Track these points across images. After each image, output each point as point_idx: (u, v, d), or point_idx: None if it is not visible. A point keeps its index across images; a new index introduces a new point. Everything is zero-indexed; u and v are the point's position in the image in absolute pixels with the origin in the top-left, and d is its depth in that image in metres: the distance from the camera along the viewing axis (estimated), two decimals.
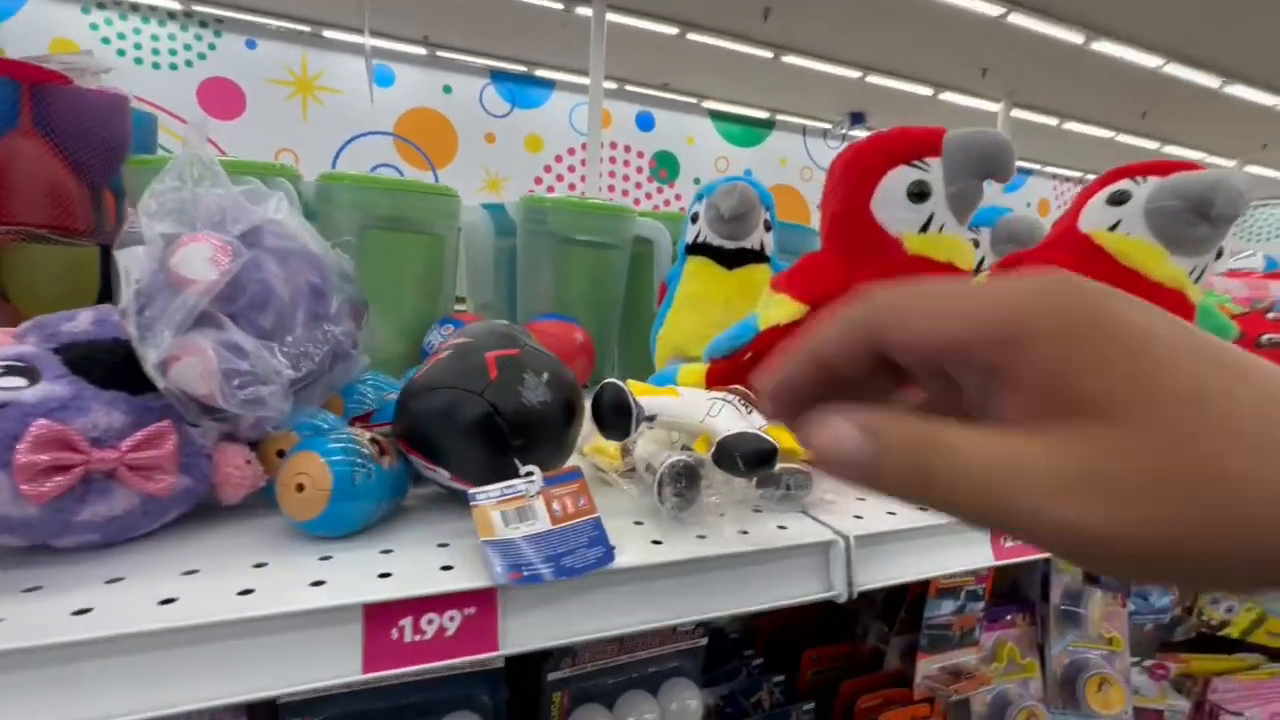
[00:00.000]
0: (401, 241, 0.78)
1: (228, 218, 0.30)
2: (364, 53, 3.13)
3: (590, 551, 0.29)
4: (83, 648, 0.22)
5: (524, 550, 0.28)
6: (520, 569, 0.27)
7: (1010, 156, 0.41)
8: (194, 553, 0.29)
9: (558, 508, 0.30)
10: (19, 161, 0.69)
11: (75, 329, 0.32)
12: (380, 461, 0.31)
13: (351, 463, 0.30)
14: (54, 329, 0.32)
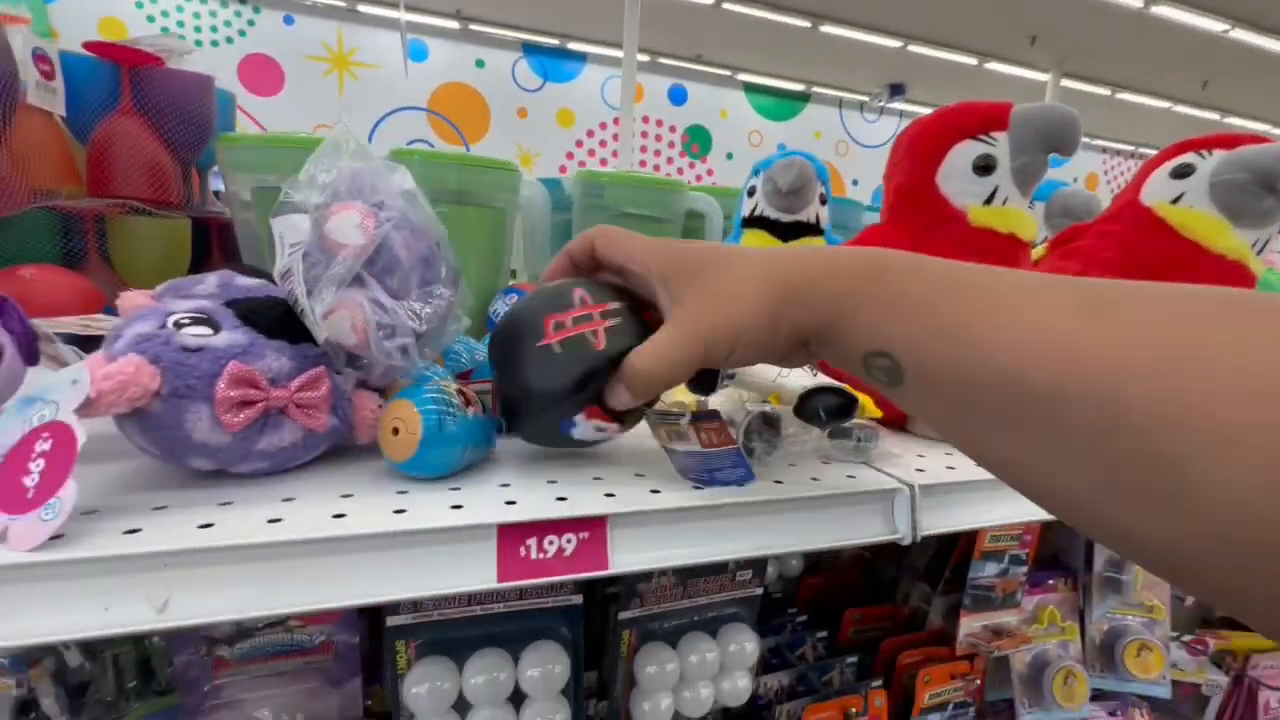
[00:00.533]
0: (467, 215, 0.82)
1: (365, 188, 0.34)
2: (398, 27, 3.16)
3: (735, 472, 0.35)
4: (281, 548, 0.27)
5: (686, 461, 0.36)
6: (688, 472, 0.36)
7: (1077, 131, 0.43)
8: (346, 481, 0.34)
9: (705, 437, 0.34)
10: (121, 139, 0.75)
11: (205, 290, 0.37)
12: (465, 411, 0.35)
13: (440, 410, 0.33)
14: (187, 290, 0.37)
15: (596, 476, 0.37)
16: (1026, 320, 0.21)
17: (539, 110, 5.93)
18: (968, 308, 0.23)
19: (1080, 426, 0.19)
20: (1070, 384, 0.19)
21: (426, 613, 0.47)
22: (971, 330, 0.23)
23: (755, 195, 0.73)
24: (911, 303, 0.25)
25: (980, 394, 0.22)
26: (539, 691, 0.47)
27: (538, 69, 5.93)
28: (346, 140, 0.34)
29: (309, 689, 0.47)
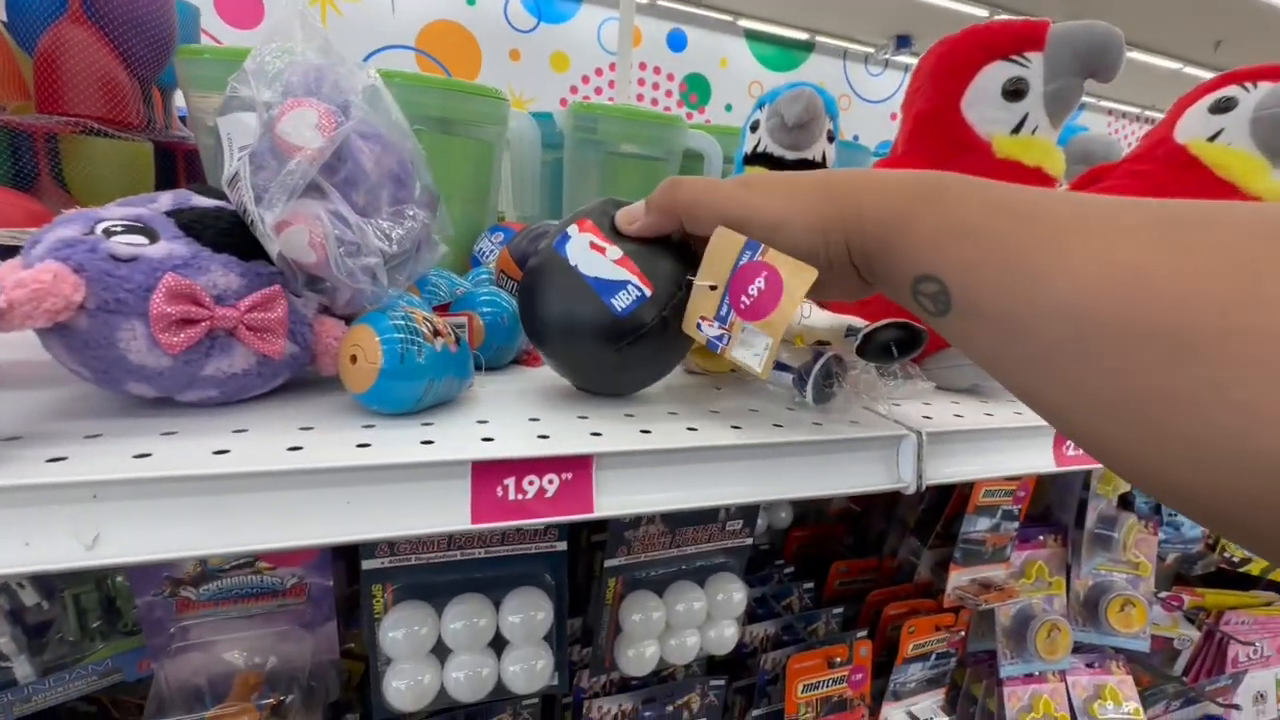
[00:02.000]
0: (451, 144, 0.76)
1: (325, 85, 0.30)
2: None
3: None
4: (226, 481, 0.24)
5: None
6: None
7: (1120, 52, 0.39)
8: (306, 413, 0.31)
9: None
10: (70, 50, 0.69)
11: (159, 208, 0.33)
12: (433, 342, 0.31)
13: (404, 339, 0.29)
14: (143, 206, 0.33)
15: (582, 415, 0.34)
16: (1093, 248, 0.19)
17: (532, 52, 5.67)
18: (1027, 232, 0.21)
19: (1144, 364, 0.17)
20: (1136, 315, 0.17)
21: (404, 556, 0.45)
22: (1030, 256, 0.21)
23: (759, 130, 0.69)
24: (966, 225, 0.23)
25: (1036, 325, 0.20)
26: (520, 637, 0.46)
27: (531, 8, 5.65)
28: (305, 24, 0.29)
29: (281, 632, 0.46)
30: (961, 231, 0.23)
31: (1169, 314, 0.16)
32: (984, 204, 0.23)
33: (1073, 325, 0.19)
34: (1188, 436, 0.16)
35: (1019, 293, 0.21)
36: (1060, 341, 0.19)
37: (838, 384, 0.38)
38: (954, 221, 0.24)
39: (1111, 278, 0.18)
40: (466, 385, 0.35)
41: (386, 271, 0.34)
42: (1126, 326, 0.17)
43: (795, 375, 0.40)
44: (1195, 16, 4.72)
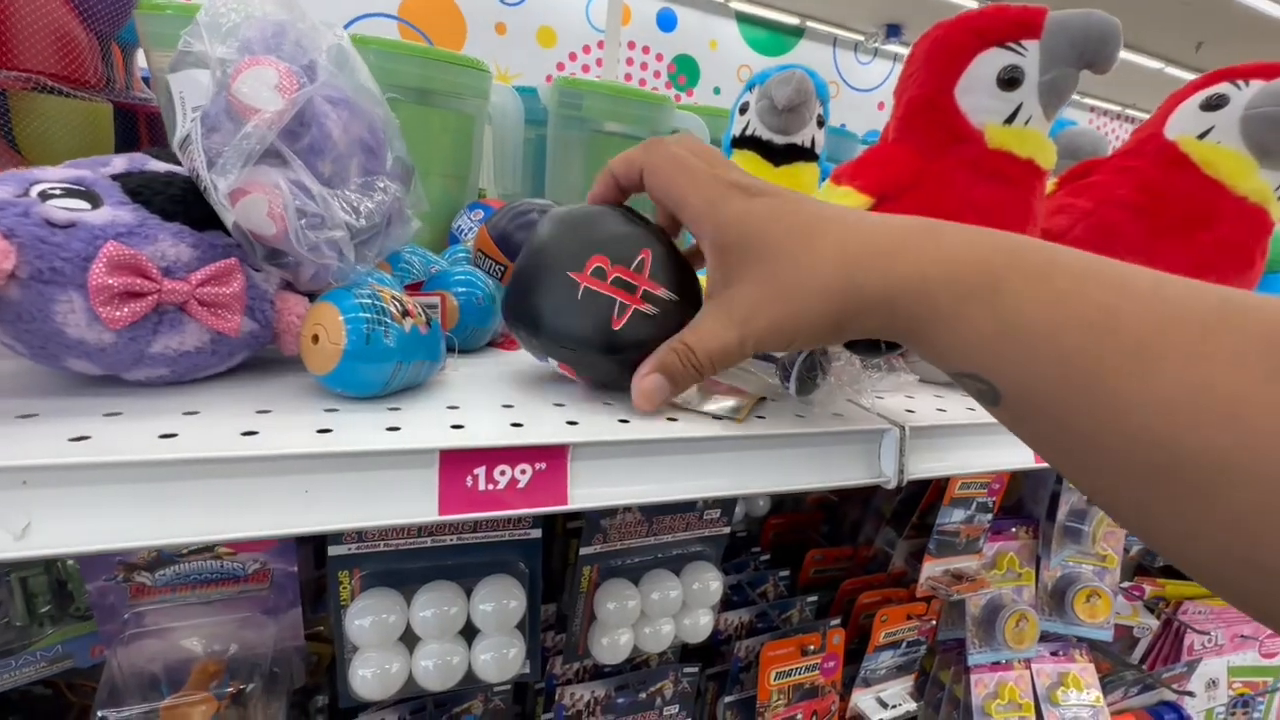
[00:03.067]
0: (430, 116, 0.74)
1: (289, 43, 0.28)
2: None
3: None
4: (171, 468, 0.23)
5: None
6: None
7: (1118, 42, 0.38)
8: (265, 394, 0.29)
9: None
10: (20, 1, 0.64)
11: (108, 171, 0.31)
12: (401, 323, 0.29)
13: (370, 318, 0.28)
14: (91, 168, 0.31)
15: (558, 403, 0.33)
16: (1183, 374, 0.17)
17: (519, 27, 5.54)
18: (1104, 349, 0.19)
19: (1236, 502, 0.16)
20: (1237, 457, 0.16)
21: (373, 543, 0.44)
22: (1107, 381, 0.18)
23: (748, 112, 0.67)
24: (1026, 331, 0.20)
25: (1109, 445, 0.19)
26: (491, 626, 0.45)
27: None
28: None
29: (242, 619, 0.44)
30: (1020, 338, 0.20)
31: (1270, 455, 0.15)
32: (1050, 305, 0.20)
33: (1156, 452, 0.17)
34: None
35: (1092, 414, 0.19)
36: (1140, 465, 0.18)
37: (821, 376, 0.38)
38: (1011, 325, 0.21)
39: (1206, 409, 0.16)
40: (438, 369, 0.33)
41: (354, 246, 0.32)
42: (1222, 466, 0.16)
43: (779, 365, 0.39)
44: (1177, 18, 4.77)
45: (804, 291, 0.25)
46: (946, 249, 0.23)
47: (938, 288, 0.23)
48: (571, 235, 0.31)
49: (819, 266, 0.25)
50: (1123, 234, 0.45)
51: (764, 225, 0.26)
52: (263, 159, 0.26)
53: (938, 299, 0.23)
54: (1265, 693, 0.99)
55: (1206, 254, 0.44)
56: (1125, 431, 0.18)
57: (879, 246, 0.25)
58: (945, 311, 0.23)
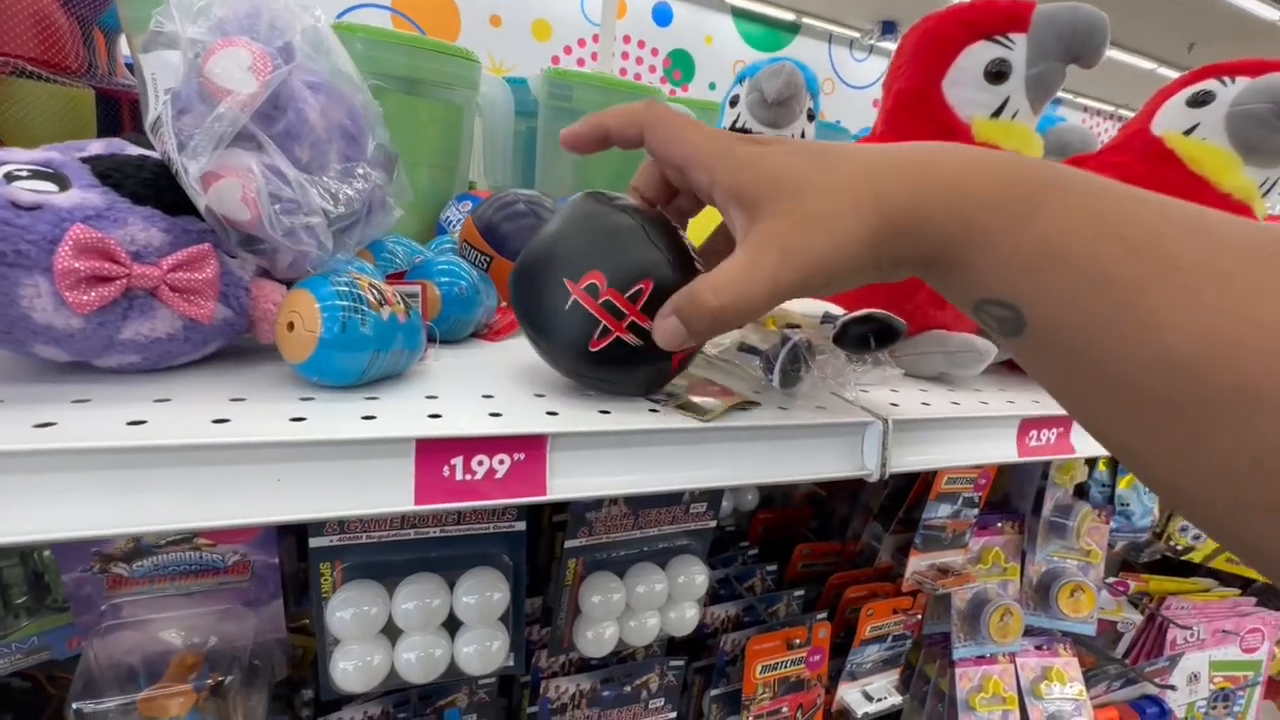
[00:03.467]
0: (418, 106, 0.73)
1: (264, 25, 0.27)
2: None
3: None
4: (139, 454, 0.22)
5: None
6: None
7: (1105, 36, 0.38)
8: (239, 382, 0.29)
9: None
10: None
11: (80, 154, 0.30)
12: (379, 311, 0.29)
13: (347, 306, 0.27)
14: (69, 152, 0.30)
15: (539, 393, 0.32)
16: (1225, 302, 0.16)
17: (513, 19, 5.50)
18: (1145, 270, 0.18)
19: (1274, 438, 0.15)
20: (1275, 394, 0.15)
21: (354, 535, 0.43)
22: (1147, 299, 0.17)
23: (738, 105, 0.67)
24: (1064, 251, 0.19)
25: (1135, 375, 0.18)
26: (474, 618, 0.45)
27: None
28: None
29: (222, 610, 0.44)
30: (1057, 257, 0.19)
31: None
32: (1092, 225, 0.19)
33: (1191, 384, 0.16)
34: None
35: (1126, 340, 0.18)
36: (1169, 395, 0.17)
37: (805, 369, 0.38)
38: (1050, 244, 0.20)
39: (1249, 341, 0.15)
40: (417, 358, 0.33)
41: (333, 234, 0.32)
42: (1259, 402, 0.15)
43: (762, 358, 0.39)
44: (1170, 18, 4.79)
45: (835, 214, 0.23)
46: (981, 165, 0.22)
47: (973, 205, 0.22)
48: (582, 240, 0.30)
49: (847, 187, 0.23)
50: None
51: (784, 159, 0.25)
52: (236, 142, 0.26)
53: (973, 215, 0.22)
54: (1245, 687, 1.00)
55: None
56: (1159, 359, 0.17)
57: (907, 163, 0.23)
58: (980, 227, 0.21)
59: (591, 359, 0.30)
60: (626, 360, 0.30)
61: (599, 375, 0.31)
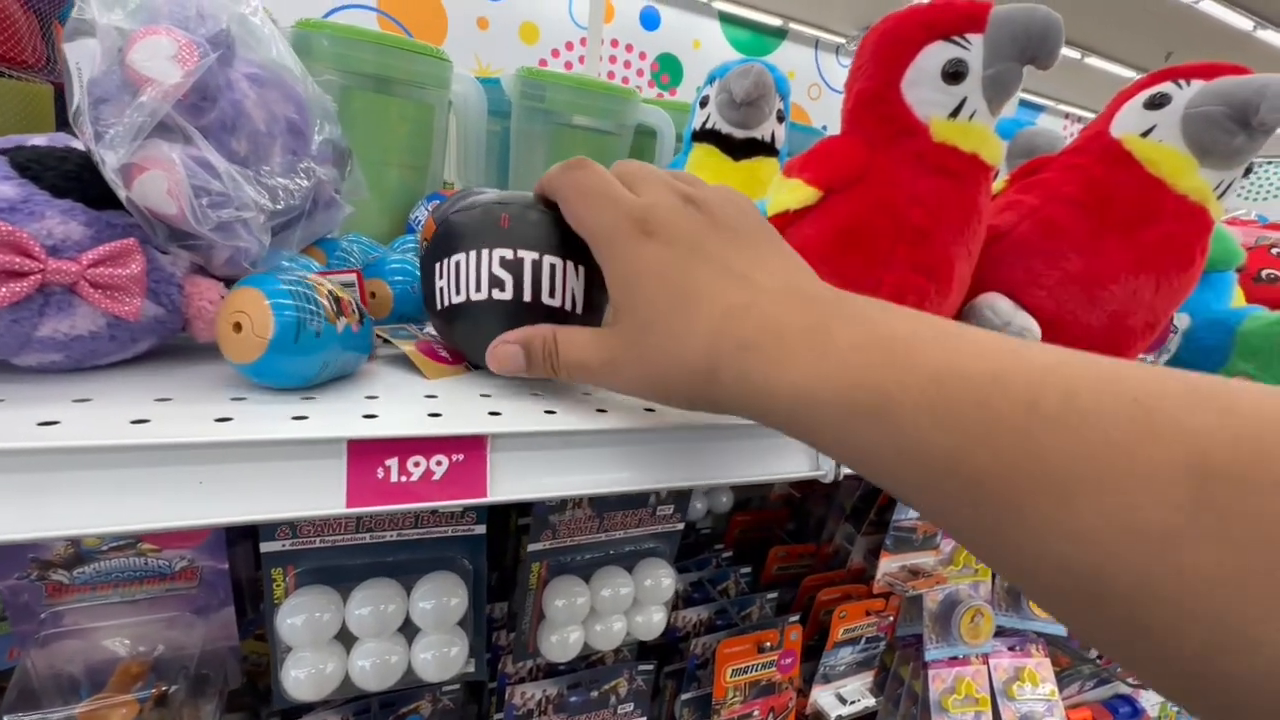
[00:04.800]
0: (387, 105, 0.72)
1: (191, 16, 0.26)
2: None
3: None
4: (53, 456, 0.21)
5: None
6: None
7: (1059, 39, 0.38)
8: (168, 382, 0.28)
9: None
10: None
11: (25, 142, 0.29)
12: (335, 322, 0.28)
13: (300, 309, 0.26)
14: (4, 145, 0.29)
15: (485, 393, 0.32)
16: (1106, 504, 0.15)
17: (501, 22, 5.49)
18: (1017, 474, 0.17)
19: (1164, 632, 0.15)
20: (1161, 592, 0.15)
21: (308, 539, 0.42)
22: (1020, 508, 0.17)
23: (708, 106, 0.67)
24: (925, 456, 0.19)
25: (1030, 568, 0.17)
26: (431, 624, 0.44)
27: None
28: None
29: (169, 618, 0.42)
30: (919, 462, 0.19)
31: (1201, 602, 0.14)
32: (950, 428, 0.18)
33: (1079, 582, 0.16)
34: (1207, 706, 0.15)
35: (1010, 544, 0.17)
36: (1061, 590, 0.17)
37: None
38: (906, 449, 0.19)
39: (1133, 548, 0.15)
40: (364, 360, 0.32)
41: (272, 230, 0.31)
42: (1151, 603, 0.15)
43: None
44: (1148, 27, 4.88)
45: (671, 366, 0.25)
46: (829, 359, 0.21)
47: (815, 405, 0.21)
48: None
49: (688, 348, 0.24)
50: (1067, 231, 0.46)
51: (649, 280, 0.25)
52: (162, 134, 0.25)
53: (819, 414, 0.21)
54: None
55: (1148, 252, 0.45)
56: (1044, 560, 0.17)
57: (753, 341, 0.23)
58: (832, 426, 0.21)
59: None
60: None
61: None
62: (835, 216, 0.42)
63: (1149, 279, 0.45)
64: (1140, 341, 0.47)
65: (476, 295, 0.30)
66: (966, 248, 0.43)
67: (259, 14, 0.30)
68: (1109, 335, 0.46)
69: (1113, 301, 0.45)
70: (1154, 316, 0.46)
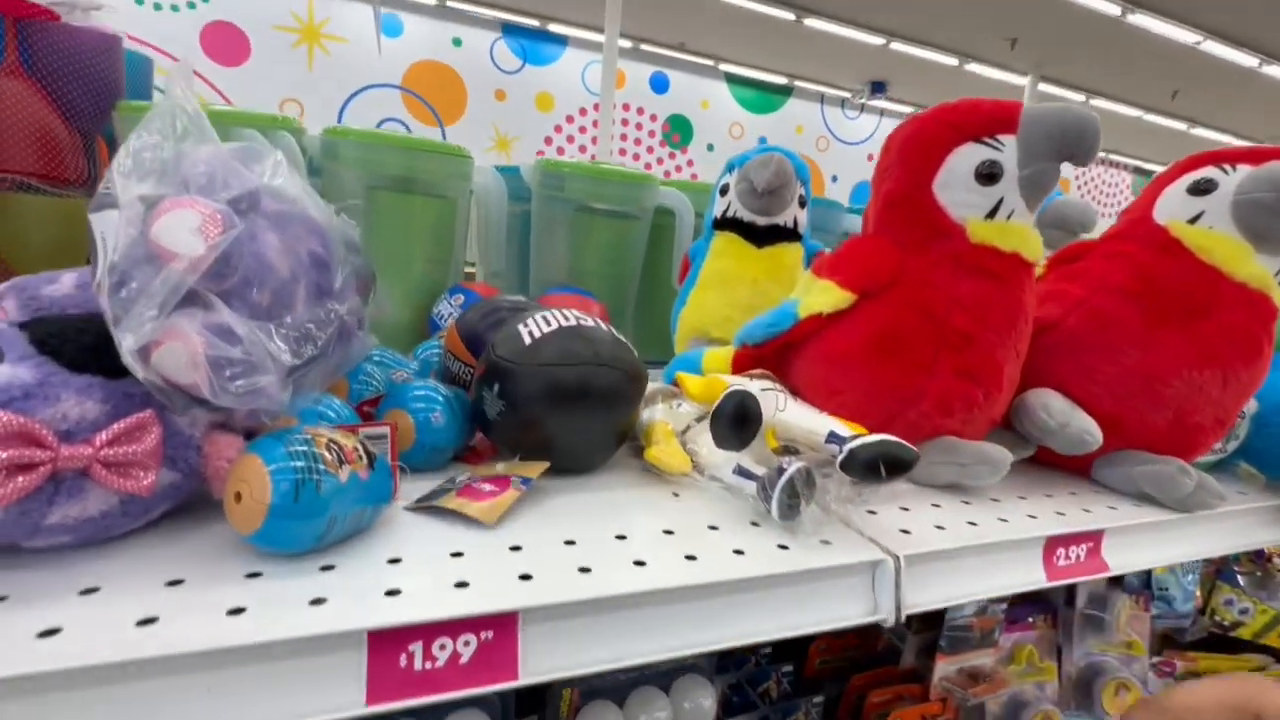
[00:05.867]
0: (411, 204, 0.73)
1: (217, 180, 0.26)
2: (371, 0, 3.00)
3: None
4: (49, 679, 0.19)
5: None
6: None
7: (1096, 137, 0.37)
8: (181, 556, 0.26)
9: None
10: (5, 103, 0.65)
11: (56, 293, 0.29)
12: (337, 472, 0.26)
13: (299, 472, 0.25)
14: (34, 292, 0.29)
15: (515, 545, 0.30)
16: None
17: (518, 93, 5.76)
18: None
19: None
20: None
21: None
22: None
23: (728, 194, 0.67)
24: None
25: None
26: None
27: (517, 50, 5.77)
28: (176, 113, 0.26)
29: None
30: None
31: None
32: None
33: None
34: None
35: None
36: None
37: (805, 503, 0.34)
38: None
39: None
40: (384, 509, 0.31)
41: (296, 379, 0.30)
42: None
43: (759, 485, 0.36)
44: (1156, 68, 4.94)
45: None
46: None
47: None
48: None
49: None
50: (1119, 322, 0.43)
51: None
52: (183, 304, 0.24)
53: None
54: None
55: (1210, 343, 0.42)
56: None
57: None
58: None
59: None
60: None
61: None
62: (872, 321, 0.41)
63: (1214, 373, 0.42)
64: (1210, 440, 0.44)
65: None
66: (1014, 349, 0.41)
67: (282, 168, 0.29)
68: (1175, 435, 0.43)
69: (1176, 398, 0.42)
70: (1224, 413, 0.43)
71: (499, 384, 0.36)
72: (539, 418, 0.36)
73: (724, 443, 0.36)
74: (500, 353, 0.37)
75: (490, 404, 0.37)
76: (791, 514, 0.34)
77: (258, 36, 5.00)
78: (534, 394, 0.36)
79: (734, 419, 0.35)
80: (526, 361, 0.36)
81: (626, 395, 0.39)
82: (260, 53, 5.03)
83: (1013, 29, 4.70)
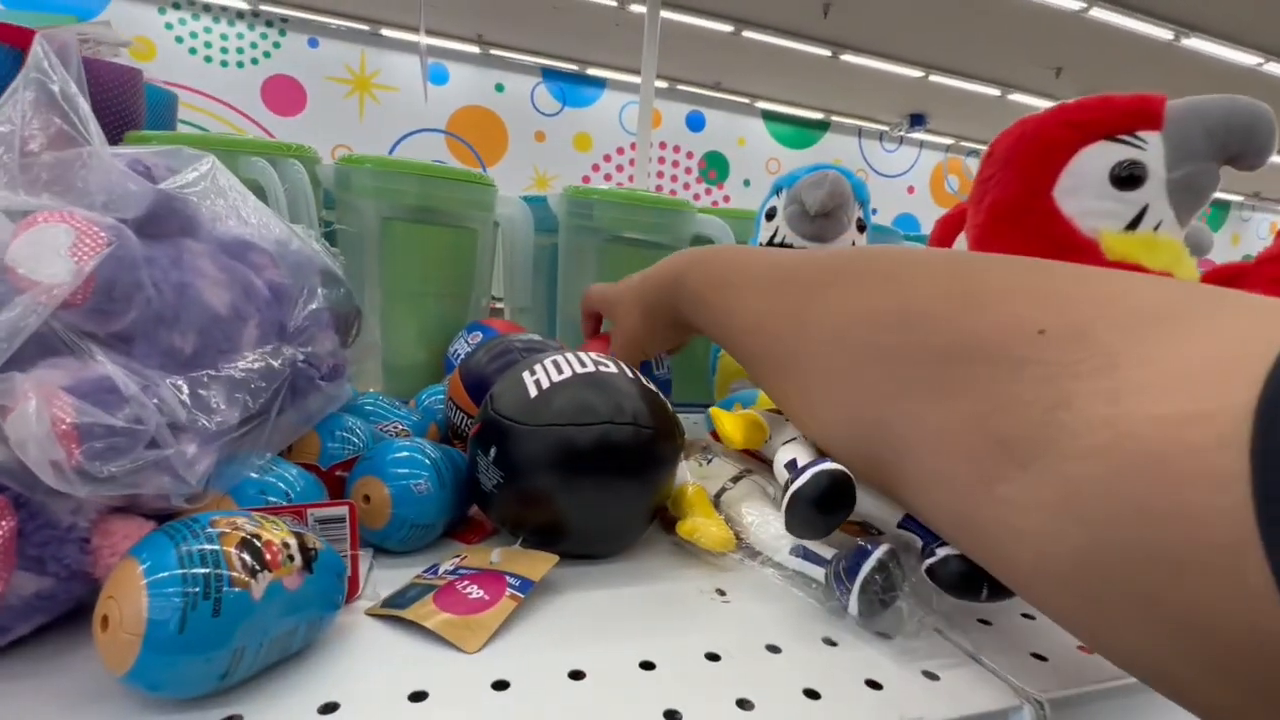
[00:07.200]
0: (427, 235, 0.68)
1: (118, 189, 0.20)
2: (419, 51, 3.11)
3: None
4: None
5: None
6: None
7: (1271, 134, 0.28)
8: (41, 702, 0.19)
9: None
10: None
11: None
12: (249, 585, 0.19)
13: (186, 590, 0.18)
14: None
15: (500, 681, 0.21)
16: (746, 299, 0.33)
17: (557, 134, 5.92)
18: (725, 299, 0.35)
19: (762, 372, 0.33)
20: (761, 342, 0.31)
21: None
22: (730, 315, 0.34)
23: (775, 218, 0.59)
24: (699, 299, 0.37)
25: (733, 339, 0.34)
26: None
27: (556, 94, 5.95)
28: (55, 68, 0.20)
29: None
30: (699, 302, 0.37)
31: (768, 344, 0.31)
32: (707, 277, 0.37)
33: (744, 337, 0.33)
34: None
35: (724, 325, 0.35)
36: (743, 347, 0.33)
37: (897, 593, 0.26)
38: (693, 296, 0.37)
39: (753, 318, 0.32)
40: (330, 619, 0.23)
41: (229, 443, 0.23)
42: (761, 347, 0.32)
43: (829, 568, 0.27)
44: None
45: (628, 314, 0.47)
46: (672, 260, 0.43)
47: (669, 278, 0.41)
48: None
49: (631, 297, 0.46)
50: None
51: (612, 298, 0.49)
52: (46, 353, 0.18)
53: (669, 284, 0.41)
54: None
55: None
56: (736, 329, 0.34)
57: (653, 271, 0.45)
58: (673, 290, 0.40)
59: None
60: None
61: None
62: None
63: None
64: None
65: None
66: None
67: (218, 176, 0.23)
68: None
69: None
70: None
71: (495, 447, 0.29)
72: (545, 493, 0.29)
73: (805, 531, 0.28)
74: (498, 407, 0.30)
75: (485, 472, 0.29)
76: (877, 609, 0.25)
77: (313, 88, 5.30)
78: (538, 461, 0.28)
79: (822, 502, 0.26)
80: (529, 419, 0.29)
81: (658, 461, 0.31)
82: (315, 103, 5.32)
83: (1058, 58, 4.58)
